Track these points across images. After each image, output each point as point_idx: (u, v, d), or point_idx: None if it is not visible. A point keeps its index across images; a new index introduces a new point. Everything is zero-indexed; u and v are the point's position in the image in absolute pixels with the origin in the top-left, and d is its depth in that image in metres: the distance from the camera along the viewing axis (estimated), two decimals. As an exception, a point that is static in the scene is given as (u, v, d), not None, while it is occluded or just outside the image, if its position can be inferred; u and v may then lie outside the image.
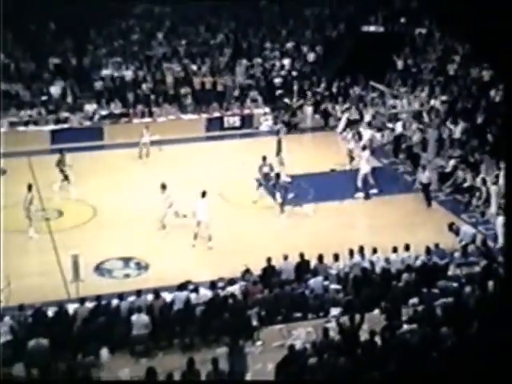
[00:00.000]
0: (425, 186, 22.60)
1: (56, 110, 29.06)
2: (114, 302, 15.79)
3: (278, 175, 22.39)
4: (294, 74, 32.58)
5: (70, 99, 29.68)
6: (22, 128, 28.15)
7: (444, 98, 27.93)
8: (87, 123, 28.85)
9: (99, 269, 18.93)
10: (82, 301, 15.72)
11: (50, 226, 21.37)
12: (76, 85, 30.29)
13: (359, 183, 23.10)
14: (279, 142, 25.07)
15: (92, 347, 14.26)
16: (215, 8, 35.24)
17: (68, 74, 30.69)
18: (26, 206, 20.56)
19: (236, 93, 31.18)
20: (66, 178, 23.46)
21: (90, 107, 29.25)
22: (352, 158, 25.12)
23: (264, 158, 23.20)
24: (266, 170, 23.05)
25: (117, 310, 15.52)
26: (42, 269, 18.65)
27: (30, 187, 20.95)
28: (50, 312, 15.52)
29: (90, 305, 15.58)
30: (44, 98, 29.51)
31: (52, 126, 28.39)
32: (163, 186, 20.82)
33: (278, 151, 24.82)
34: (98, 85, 30.54)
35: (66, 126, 28.53)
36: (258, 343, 14.84)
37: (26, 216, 20.53)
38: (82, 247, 18.35)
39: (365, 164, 23.27)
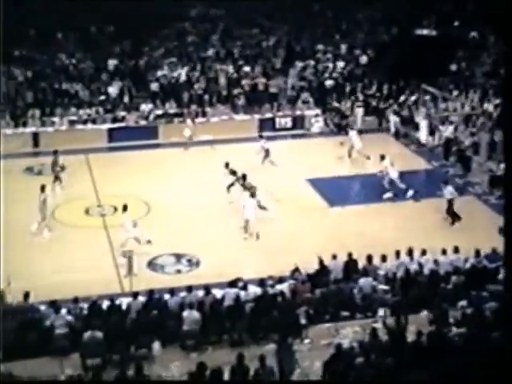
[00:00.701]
0: (449, 202, 21.76)
1: (113, 109, 29.52)
2: (166, 296, 15.96)
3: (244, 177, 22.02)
4: (346, 76, 32.44)
5: (126, 99, 30.11)
6: (80, 126, 28.67)
7: (497, 101, 27.49)
8: (143, 122, 29.22)
9: (152, 264, 19.15)
10: (135, 295, 15.93)
11: (105, 221, 21.72)
12: (133, 85, 30.71)
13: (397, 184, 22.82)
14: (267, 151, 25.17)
15: (144, 340, 14.45)
16: (269, 11, 35.32)
17: (125, 75, 31.14)
18: (40, 206, 20.61)
19: (288, 94, 31.19)
20: (56, 178, 23.28)
21: (145, 107, 29.63)
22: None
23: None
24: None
25: (168, 305, 15.68)
26: (96, 263, 18.95)
27: (42, 188, 21.05)
28: (105, 305, 15.78)
29: (142, 299, 15.79)
30: (102, 97, 30.01)
31: (109, 125, 28.84)
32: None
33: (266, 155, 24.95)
34: (154, 85, 30.91)
35: (122, 124, 28.95)
36: (306, 341, 14.84)
37: (41, 217, 20.56)
38: (136, 243, 18.64)
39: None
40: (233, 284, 16.37)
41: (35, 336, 14.65)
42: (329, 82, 32.06)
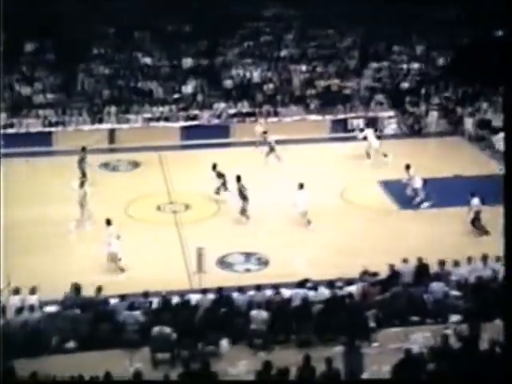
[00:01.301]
0: (476, 214, 20.64)
1: (187, 107, 29.80)
2: (235, 295, 15.97)
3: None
4: (422, 78, 31.90)
5: (200, 97, 30.36)
6: (154, 124, 29.05)
7: None
8: (215, 121, 29.41)
9: (222, 262, 19.22)
10: (204, 292, 16.00)
11: (176, 218, 21.92)
12: (207, 84, 30.95)
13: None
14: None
15: (212, 337, 14.48)
16: (344, 11, 34.98)
17: (200, 74, 31.40)
18: (79, 201, 20.94)
19: (361, 96, 30.88)
20: (84, 175, 23.46)
21: (218, 106, 29.81)
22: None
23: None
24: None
25: (237, 303, 15.68)
26: (167, 259, 19.14)
27: (82, 183, 21.41)
28: (174, 301, 15.90)
29: (211, 296, 15.84)
30: (177, 95, 30.34)
31: (182, 123, 29.14)
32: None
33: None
34: (228, 84, 31.07)
35: (195, 123, 29.20)
36: (375, 344, 14.61)
37: (80, 212, 20.91)
38: (206, 240, 18.74)
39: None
40: (301, 284, 16.27)
41: (107, 328, 14.88)
42: (404, 84, 31.59)
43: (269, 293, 16.03)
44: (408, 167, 22.59)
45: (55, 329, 15.07)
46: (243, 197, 21.32)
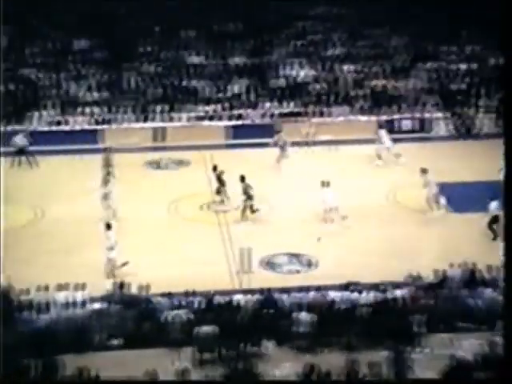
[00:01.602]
0: (494, 218, 20.29)
1: (233, 106, 29.95)
2: (279, 296, 16.02)
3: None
4: (474, 79, 31.50)
5: (247, 97, 30.46)
6: (203, 122, 29.26)
7: None
8: (264, 120, 29.48)
9: (266, 262, 19.28)
10: (248, 292, 16.08)
11: (220, 218, 22.03)
12: (256, 83, 31.04)
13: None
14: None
15: (257, 338, 14.56)
16: (394, 10, 34.75)
17: (249, 73, 31.51)
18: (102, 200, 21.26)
19: (411, 96, 30.62)
20: (108, 174, 23.50)
21: (265, 105, 29.88)
22: None
23: None
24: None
25: (282, 305, 15.74)
26: (211, 259, 19.26)
27: (106, 182, 21.77)
28: (218, 301, 16.02)
29: (256, 297, 15.91)
30: (223, 94, 30.51)
31: (229, 122, 29.27)
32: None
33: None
34: (275, 83, 31.13)
35: (241, 122, 29.31)
36: (422, 350, 14.52)
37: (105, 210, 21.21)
38: (250, 240, 18.83)
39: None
40: (347, 287, 16.25)
41: (151, 327, 15.08)
42: (454, 85, 31.24)
43: (314, 295, 16.05)
44: (424, 171, 22.19)
45: (100, 326, 15.33)
46: (248, 196, 21.40)
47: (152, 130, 28.81)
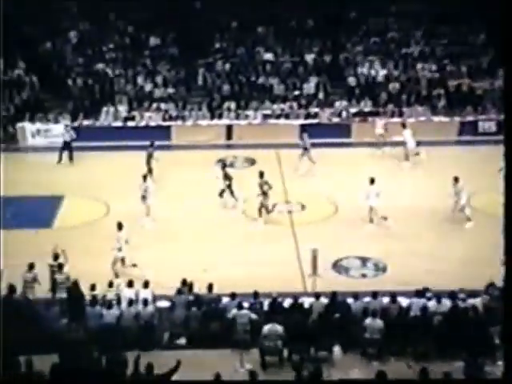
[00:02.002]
0: None
1: (307, 105, 29.83)
2: (349, 300, 15.84)
3: None
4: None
5: (321, 95, 30.30)
6: (273, 121, 29.24)
7: None
8: (336, 120, 29.27)
9: (337, 266, 19.13)
10: (317, 296, 15.97)
11: (292, 218, 21.99)
12: (329, 81, 30.84)
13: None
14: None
15: (325, 343, 14.43)
16: (477, 6, 33.91)
17: (322, 71, 31.32)
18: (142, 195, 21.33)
19: (494, 97, 29.83)
20: (150, 170, 23.63)
21: (340, 104, 29.65)
22: None
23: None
24: None
25: (351, 310, 15.56)
26: (281, 259, 19.23)
27: (144, 177, 21.67)
28: (286, 303, 15.96)
29: (325, 300, 15.78)
30: (297, 92, 30.42)
31: (302, 121, 29.16)
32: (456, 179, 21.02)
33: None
34: (351, 82, 30.86)
35: (315, 121, 29.15)
36: (500, 363, 14.07)
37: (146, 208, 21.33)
38: (321, 242, 18.68)
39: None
40: (421, 293, 15.94)
41: (218, 327, 15.12)
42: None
43: (385, 300, 15.81)
44: (456, 180, 21.49)
45: (167, 324, 15.48)
46: (263, 193, 21.32)
47: (224, 128, 28.94)
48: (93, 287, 16.17)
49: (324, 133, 28.05)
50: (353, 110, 29.43)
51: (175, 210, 22.07)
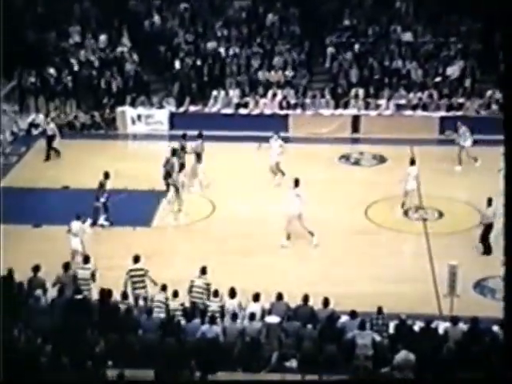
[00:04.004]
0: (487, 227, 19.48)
1: (450, 94, 29.15)
2: (495, 328, 15.32)
3: None
4: None
5: (467, 83, 29.53)
6: (408, 112, 28.76)
7: None
8: (484, 112, 28.44)
9: (479, 286, 18.62)
10: (455, 320, 15.54)
11: (426, 227, 21.55)
12: (478, 66, 30.01)
13: None
14: None
15: (463, 378, 14.00)
16: None
17: (469, 54, 30.48)
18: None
19: None
20: (183, 165, 23.47)
21: (493, 94, 28.71)
22: None
23: None
24: None
25: (497, 340, 15.03)
26: (411, 275, 18.90)
27: (181, 167, 22.23)
28: (416, 327, 15.62)
29: (463, 327, 15.33)
30: (438, 79, 29.79)
31: (443, 113, 28.52)
32: None
33: None
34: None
35: (458, 113, 28.42)
36: None
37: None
38: (461, 257, 18.21)
39: None
40: None
41: (334, 349, 14.94)
42: None
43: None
44: None
45: (276, 343, 15.41)
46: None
47: (350, 119, 28.67)
48: (176, 294, 16.30)
49: (470, 127, 27.20)
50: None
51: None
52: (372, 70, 30.40)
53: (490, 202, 20.16)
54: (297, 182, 20.58)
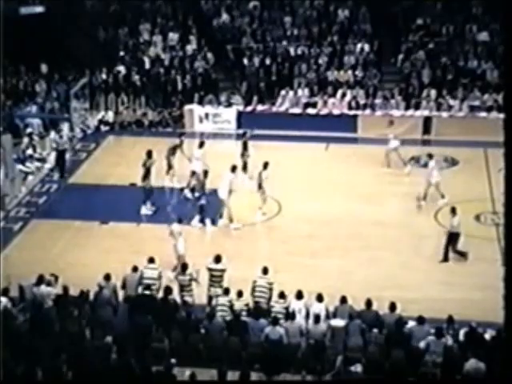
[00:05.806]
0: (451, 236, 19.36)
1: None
2: None
3: None
4: None
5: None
6: (482, 114, 28.31)
7: None
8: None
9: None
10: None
11: (499, 232, 21.15)
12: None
13: None
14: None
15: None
16: None
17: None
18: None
19: None
20: (245, 165, 23.58)
21: None
22: None
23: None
24: None
25: None
26: (482, 281, 18.52)
27: (233, 169, 21.61)
28: (488, 335, 15.36)
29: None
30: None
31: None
32: None
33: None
34: None
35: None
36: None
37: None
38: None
39: None
40: None
41: (401, 355, 14.78)
42: None
43: None
44: None
45: (341, 346, 15.32)
46: None
47: (421, 120, 28.36)
48: (240, 294, 16.30)
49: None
50: None
51: (361, 215, 21.98)
52: (445, 71, 30.01)
53: (453, 210, 19.85)
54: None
